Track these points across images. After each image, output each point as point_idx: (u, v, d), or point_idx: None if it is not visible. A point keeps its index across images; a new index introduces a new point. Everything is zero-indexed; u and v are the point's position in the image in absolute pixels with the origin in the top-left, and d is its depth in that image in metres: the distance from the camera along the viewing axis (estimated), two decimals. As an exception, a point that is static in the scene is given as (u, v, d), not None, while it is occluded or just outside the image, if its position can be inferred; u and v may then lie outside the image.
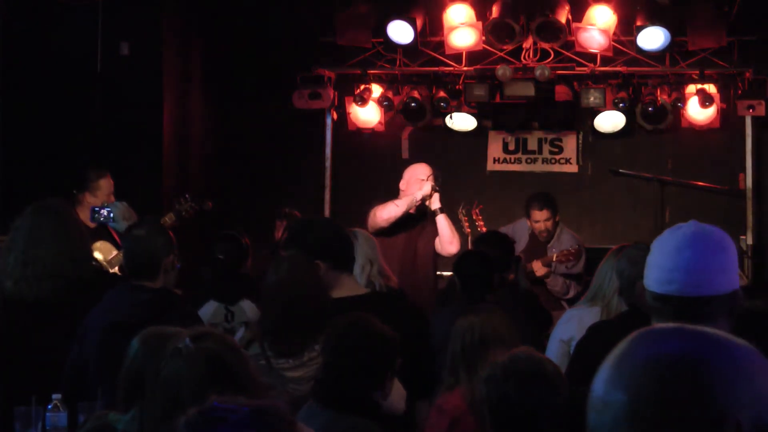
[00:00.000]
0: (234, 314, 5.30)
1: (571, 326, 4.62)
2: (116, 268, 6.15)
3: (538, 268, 6.91)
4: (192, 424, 1.51)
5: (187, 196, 6.50)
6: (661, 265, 2.28)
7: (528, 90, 8.46)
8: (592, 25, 8.06)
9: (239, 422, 1.47)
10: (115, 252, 6.25)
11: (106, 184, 6.54)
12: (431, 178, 6.53)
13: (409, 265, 6.39)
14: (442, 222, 6.50)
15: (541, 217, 7.15)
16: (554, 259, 6.92)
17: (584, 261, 6.99)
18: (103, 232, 6.19)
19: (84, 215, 5.69)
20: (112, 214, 4.92)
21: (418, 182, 6.53)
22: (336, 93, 8.91)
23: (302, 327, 3.61)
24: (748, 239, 8.50)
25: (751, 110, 8.27)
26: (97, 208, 5.05)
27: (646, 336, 1.22)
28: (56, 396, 3.54)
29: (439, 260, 6.61)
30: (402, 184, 6.62)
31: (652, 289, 2.30)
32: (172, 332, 2.61)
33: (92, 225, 6.26)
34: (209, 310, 5.30)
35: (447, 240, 6.48)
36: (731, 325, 2.27)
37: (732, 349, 1.19)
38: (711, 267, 2.26)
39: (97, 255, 5.76)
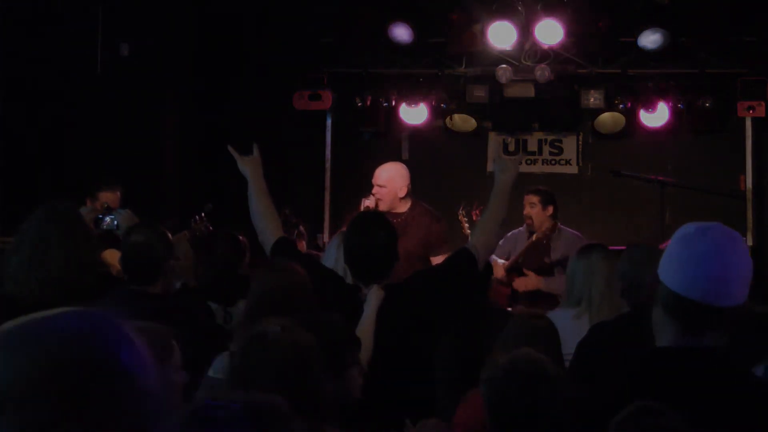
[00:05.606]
0: (232, 316, 5.25)
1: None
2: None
3: (531, 278, 6.91)
4: (185, 423, 1.50)
5: (203, 215, 6.54)
6: (685, 267, 2.21)
7: (528, 91, 8.46)
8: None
9: (233, 419, 1.46)
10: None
11: (107, 197, 6.55)
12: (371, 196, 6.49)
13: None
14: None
15: (526, 201, 7.15)
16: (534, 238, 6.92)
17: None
18: (109, 238, 6.19)
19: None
20: (116, 222, 4.91)
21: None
22: (336, 94, 8.90)
23: None
24: (749, 241, 8.48)
25: (751, 111, 8.27)
26: (101, 216, 5.04)
27: None
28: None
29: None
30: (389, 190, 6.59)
31: (672, 287, 2.23)
32: None
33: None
34: (207, 311, 5.27)
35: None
36: (730, 333, 2.24)
37: None
38: (735, 278, 2.22)
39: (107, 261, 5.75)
